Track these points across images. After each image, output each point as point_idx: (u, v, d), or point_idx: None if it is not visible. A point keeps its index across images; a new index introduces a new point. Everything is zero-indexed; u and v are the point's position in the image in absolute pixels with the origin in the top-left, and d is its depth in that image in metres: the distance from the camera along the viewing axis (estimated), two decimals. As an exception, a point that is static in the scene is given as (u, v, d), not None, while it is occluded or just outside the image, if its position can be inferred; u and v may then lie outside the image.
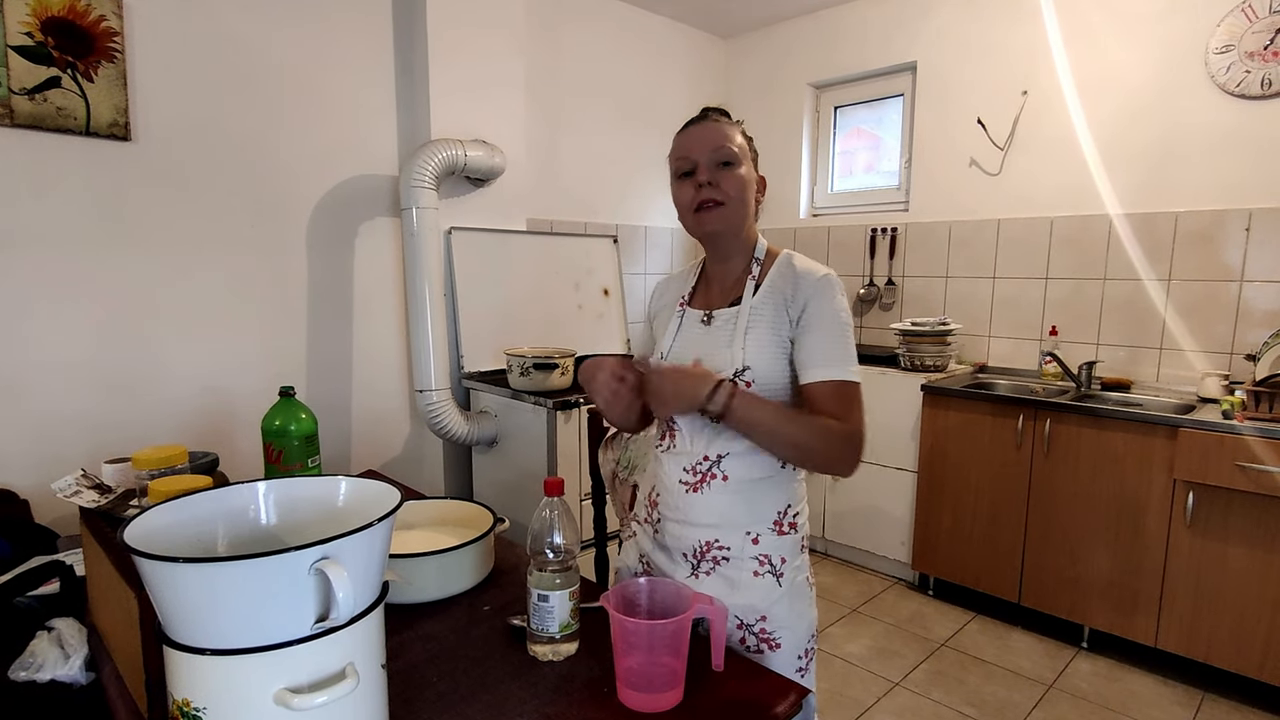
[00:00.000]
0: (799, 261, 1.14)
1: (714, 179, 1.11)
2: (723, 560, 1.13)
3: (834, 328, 1.08)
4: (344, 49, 2.47)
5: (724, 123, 1.14)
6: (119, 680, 0.99)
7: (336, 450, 2.58)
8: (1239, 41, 2.49)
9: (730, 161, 1.11)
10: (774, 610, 1.12)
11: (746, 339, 1.10)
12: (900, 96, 3.51)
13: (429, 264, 2.46)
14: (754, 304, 1.13)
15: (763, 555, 1.12)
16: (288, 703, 0.66)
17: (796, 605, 1.14)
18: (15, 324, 1.90)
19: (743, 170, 1.12)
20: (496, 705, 0.89)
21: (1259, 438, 2.07)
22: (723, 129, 1.13)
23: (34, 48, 1.86)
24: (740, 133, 1.15)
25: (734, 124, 1.16)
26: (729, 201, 1.11)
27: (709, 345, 1.15)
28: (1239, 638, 2.18)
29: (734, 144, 1.12)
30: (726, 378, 1.05)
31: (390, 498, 0.81)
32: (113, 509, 1.12)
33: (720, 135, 1.12)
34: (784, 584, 1.12)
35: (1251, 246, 2.52)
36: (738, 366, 1.09)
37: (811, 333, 1.08)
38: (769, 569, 1.12)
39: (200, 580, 0.64)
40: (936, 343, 3.01)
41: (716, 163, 1.12)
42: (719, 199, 1.11)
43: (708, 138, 1.12)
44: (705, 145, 1.12)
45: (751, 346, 1.10)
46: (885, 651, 2.52)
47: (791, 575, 1.13)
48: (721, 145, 1.11)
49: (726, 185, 1.11)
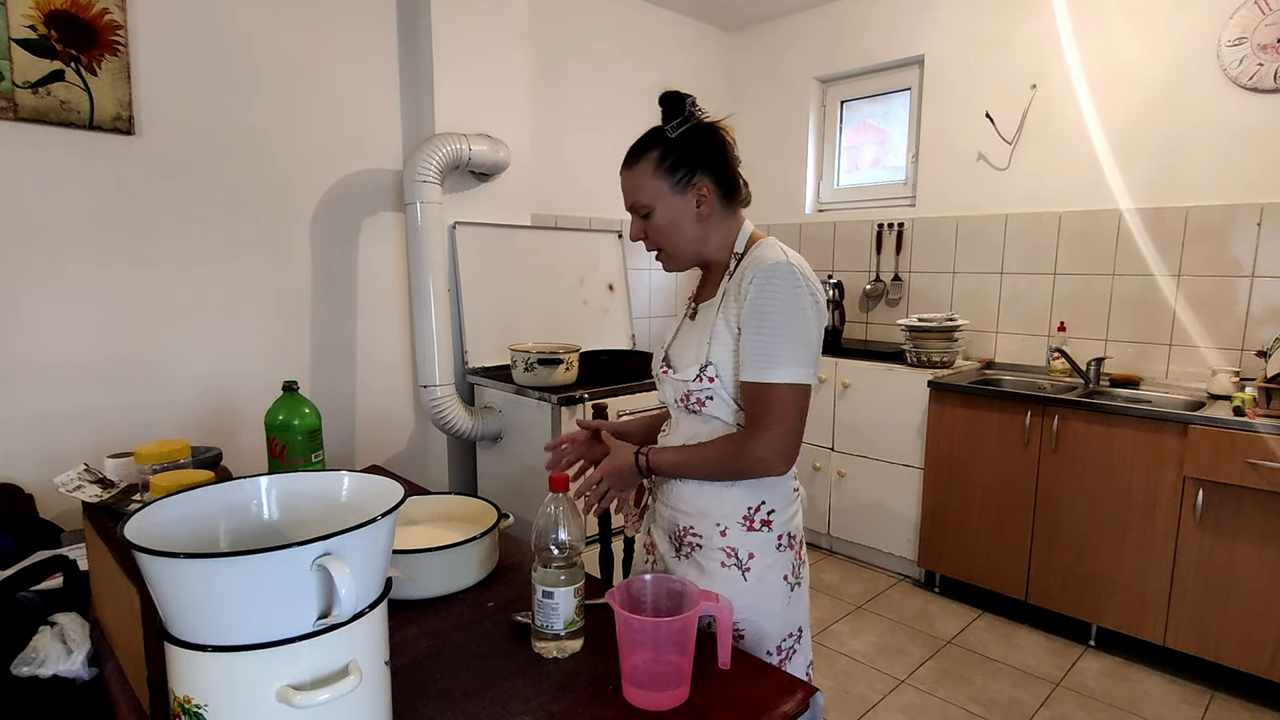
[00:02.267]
0: (761, 250, 1.11)
1: (642, 231, 1.16)
2: (696, 547, 1.16)
3: (769, 324, 1.03)
4: (348, 43, 2.45)
5: (636, 169, 1.13)
6: (121, 676, 0.98)
7: (341, 445, 2.58)
8: (1251, 34, 2.46)
9: (646, 213, 1.14)
10: (737, 603, 1.11)
11: (713, 334, 1.12)
12: (907, 90, 3.49)
13: (433, 259, 2.45)
14: (722, 298, 1.14)
15: (729, 548, 1.13)
16: (290, 700, 0.66)
17: (763, 603, 1.13)
18: (19, 318, 1.90)
19: (659, 215, 1.13)
20: (501, 702, 0.89)
21: (1270, 434, 2.05)
22: (632, 180, 1.14)
23: (37, 41, 1.85)
24: (653, 161, 1.11)
25: (644, 155, 1.12)
26: (664, 248, 1.16)
27: (688, 341, 1.19)
28: (1249, 636, 2.16)
29: (640, 195, 1.13)
30: (638, 450, 1.15)
31: (393, 493, 0.80)
32: (115, 504, 1.12)
33: (630, 189, 1.14)
34: (750, 579, 1.13)
35: (1263, 241, 2.50)
36: (703, 361, 1.11)
37: (749, 328, 1.06)
38: (735, 562, 1.13)
39: (201, 576, 0.64)
40: (943, 339, 2.99)
41: (637, 214, 1.15)
42: (654, 249, 1.17)
43: (624, 193, 1.16)
44: (626, 201, 1.16)
45: (715, 342, 1.11)
46: (890, 649, 2.51)
47: (760, 573, 1.13)
48: (633, 201, 1.14)
49: (652, 235, 1.15)
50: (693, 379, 1.12)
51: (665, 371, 1.19)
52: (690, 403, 1.14)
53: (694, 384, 1.12)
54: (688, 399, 1.14)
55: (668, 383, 1.18)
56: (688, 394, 1.14)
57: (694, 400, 1.13)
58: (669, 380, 1.17)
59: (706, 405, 1.13)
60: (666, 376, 1.18)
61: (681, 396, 1.15)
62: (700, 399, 1.13)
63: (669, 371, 1.18)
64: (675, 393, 1.17)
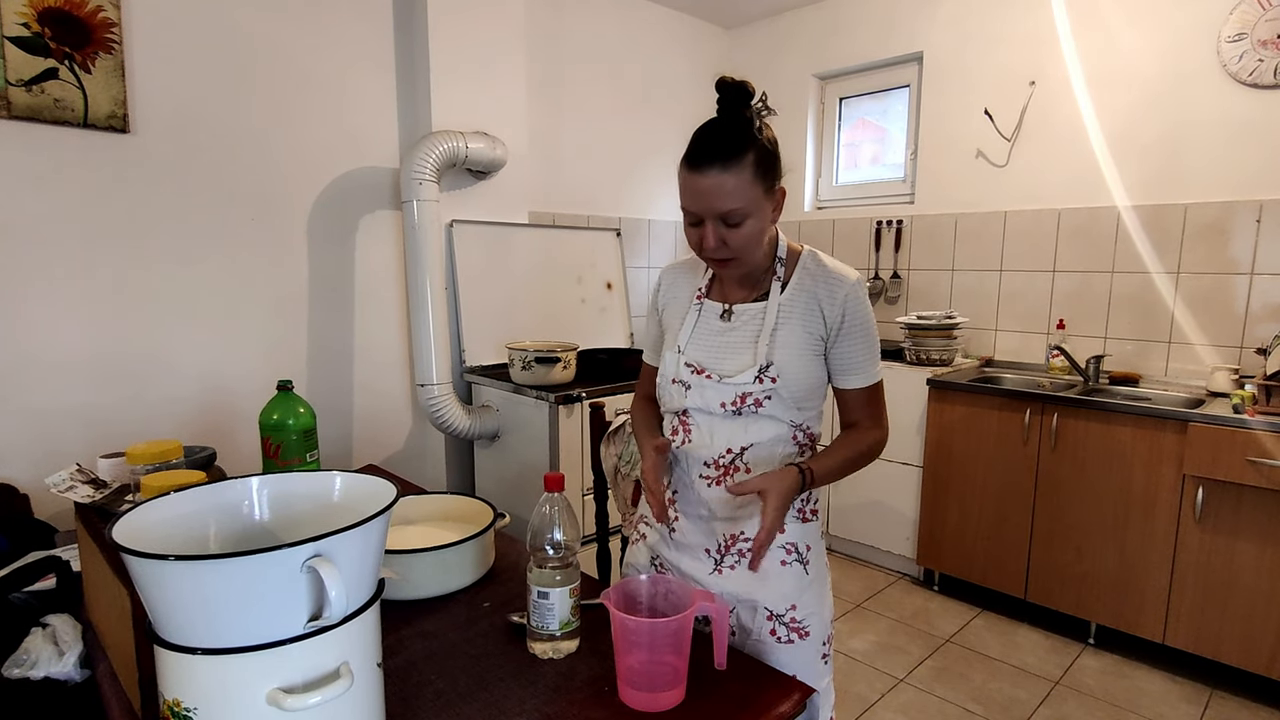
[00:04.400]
0: (828, 261, 1.14)
1: (722, 238, 1.04)
2: (750, 552, 1.09)
3: (870, 333, 1.12)
4: (344, 40, 2.44)
5: (732, 168, 0.99)
6: (114, 678, 0.98)
7: (338, 445, 2.57)
8: (1251, 30, 2.45)
9: (738, 222, 1.02)
10: (804, 598, 1.12)
11: (775, 336, 1.09)
12: (906, 88, 3.48)
13: (430, 257, 2.44)
14: (782, 301, 1.11)
15: (789, 544, 1.12)
16: (280, 703, 0.65)
17: (822, 591, 1.16)
18: (13, 317, 1.89)
19: (752, 224, 1.03)
20: (496, 704, 0.88)
21: (1270, 432, 2.05)
22: (730, 183, 0.99)
23: (31, 39, 1.84)
24: (751, 165, 1.00)
25: (744, 156, 1.00)
26: (736, 254, 1.06)
27: (730, 341, 1.12)
28: (1248, 634, 2.15)
29: (739, 200, 1.00)
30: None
31: (386, 494, 0.79)
32: (107, 504, 1.11)
33: (727, 194, 1.00)
34: (811, 571, 1.14)
35: (1262, 238, 2.49)
36: (761, 364, 1.07)
37: (851, 340, 1.11)
38: (796, 557, 1.13)
39: (189, 578, 0.63)
40: (942, 336, 2.99)
41: (723, 222, 1.03)
42: (727, 256, 1.06)
43: (715, 196, 1.00)
44: (712, 206, 1.01)
45: (781, 344, 1.08)
46: (889, 647, 2.51)
47: (817, 563, 1.15)
48: (730, 209, 1.01)
49: (733, 241, 1.04)
50: (751, 381, 1.07)
51: (705, 375, 1.10)
52: (746, 404, 1.08)
53: (753, 385, 1.07)
54: (743, 401, 1.08)
55: (710, 388, 1.10)
56: (744, 396, 1.08)
57: (750, 401, 1.08)
58: (712, 385, 1.09)
59: (764, 405, 1.08)
60: (709, 381, 1.10)
61: (735, 400, 1.08)
62: (759, 399, 1.08)
63: (710, 376, 1.10)
64: (723, 397, 1.09)
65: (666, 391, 1.17)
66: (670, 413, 1.18)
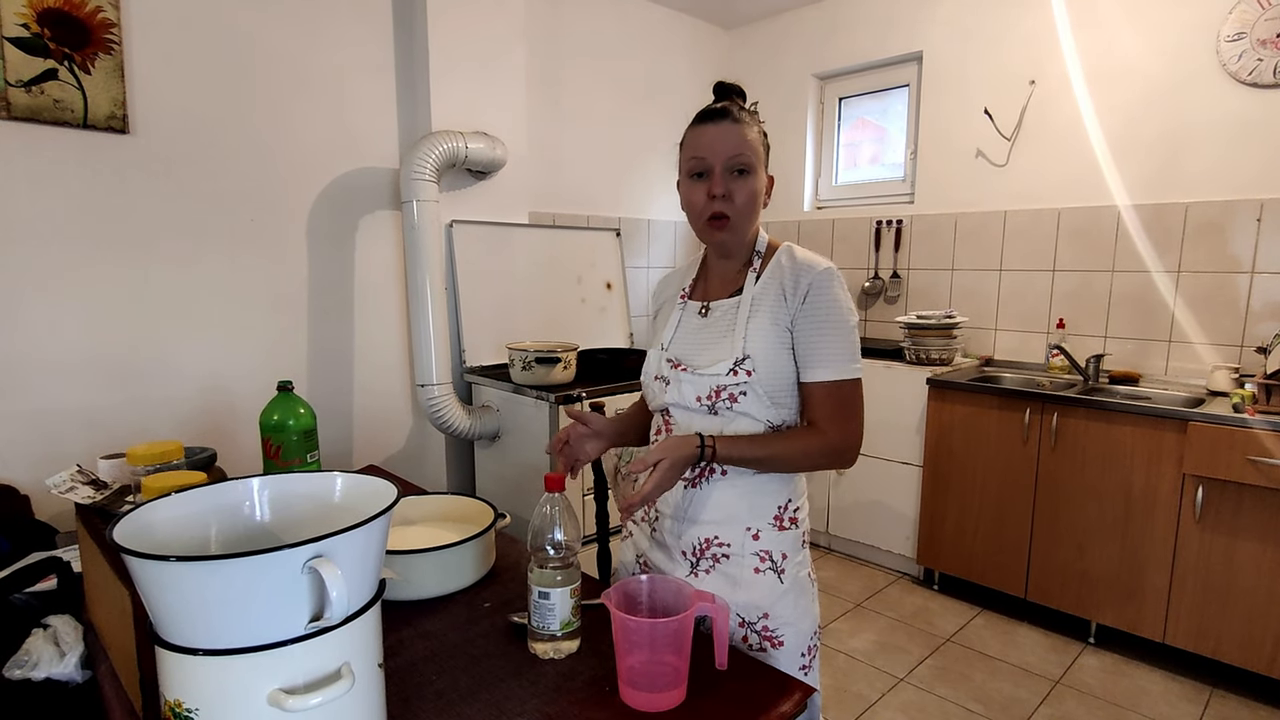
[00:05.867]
0: (799, 253, 1.13)
1: (728, 189, 1.07)
2: (723, 557, 1.11)
3: (834, 323, 1.06)
4: (344, 40, 2.44)
5: (743, 122, 1.08)
6: (115, 679, 0.98)
7: (338, 445, 2.57)
8: (1251, 29, 2.45)
9: (746, 169, 1.07)
10: (776, 607, 1.10)
11: (748, 328, 1.09)
12: (905, 87, 3.48)
13: (430, 257, 2.44)
14: (755, 293, 1.11)
15: (763, 551, 1.10)
16: (281, 704, 0.65)
17: (800, 602, 1.12)
18: (13, 318, 1.89)
19: (756, 178, 1.08)
20: (497, 704, 0.88)
21: (1270, 431, 2.05)
22: (741, 132, 1.07)
23: (30, 39, 1.84)
24: (757, 128, 1.10)
25: (752, 117, 1.10)
26: (736, 215, 1.08)
27: (707, 336, 1.14)
28: (1248, 633, 2.15)
29: (752, 150, 1.07)
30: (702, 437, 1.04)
31: (387, 494, 0.79)
32: (108, 505, 1.11)
33: (738, 140, 1.06)
34: (786, 580, 1.11)
35: (1263, 238, 2.49)
36: (737, 355, 1.07)
37: (812, 327, 1.07)
38: (770, 565, 1.10)
39: (190, 579, 0.63)
40: (942, 336, 2.99)
41: (732, 169, 1.07)
42: (729, 213, 1.08)
43: (726, 141, 1.06)
44: (722, 150, 1.06)
45: (753, 336, 1.08)
46: (889, 647, 2.51)
47: (793, 571, 1.12)
48: (739, 152, 1.06)
49: (738, 196, 1.07)
50: (725, 373, 1.06)
51: (681, 369, 1.11)
52: (720, 400, 1.08)
53: (727, 378, 1.06)
54: (717, 395, 1.08)
55: (686, 381, 1.10)
56: (718, 390, 1.07)
57: (725, 396, 1.07)
58: (688, 379, 1.10)
59: (739, 401, 1.07)
60: (685, 375, 1.10)
61: (709, 394, 1.08)
62: (734, 394, 1.07)
63: (686, 369, 1.11)
64: (698, 391, 1.09)
65: (649, 389, 1.20)
66: (656, 411, 1.20)
